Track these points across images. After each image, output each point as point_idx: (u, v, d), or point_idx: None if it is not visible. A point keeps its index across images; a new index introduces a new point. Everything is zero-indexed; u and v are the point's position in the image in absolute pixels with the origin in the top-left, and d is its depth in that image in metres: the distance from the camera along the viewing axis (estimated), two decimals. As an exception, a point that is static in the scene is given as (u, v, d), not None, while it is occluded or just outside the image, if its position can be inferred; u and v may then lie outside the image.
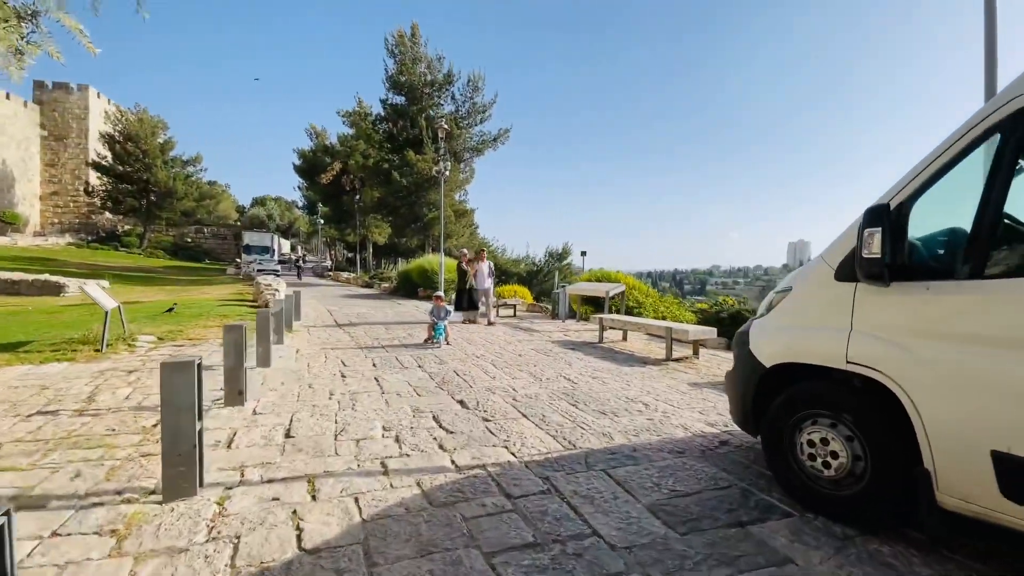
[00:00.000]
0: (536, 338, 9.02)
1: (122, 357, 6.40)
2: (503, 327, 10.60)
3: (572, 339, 8.96)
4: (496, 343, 8.31)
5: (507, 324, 11.24)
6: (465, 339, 8.68)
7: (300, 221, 73.20)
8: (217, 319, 10.14)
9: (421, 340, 8.50)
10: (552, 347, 7.97)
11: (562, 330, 10.26)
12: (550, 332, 9.88)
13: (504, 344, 8.23)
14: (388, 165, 30.20)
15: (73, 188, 52.47)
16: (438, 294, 8.21)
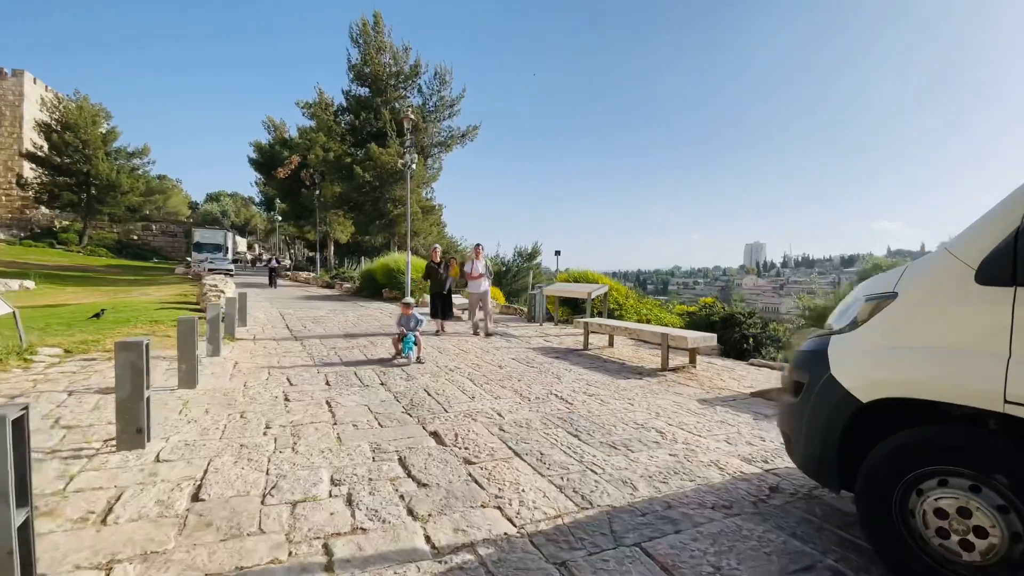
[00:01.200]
0: (515, 345, 8.13)
1: (9, 376, 5.14)
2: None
3: (554, 345, 8.12)
4: (471, 352, 7.38)
5: (481, 328, 10.30)
6: (436, 348, 7.71)
7: (257, 218, 69.97)
8: (148, 325, 8.81)
9: (386, 351, 7.49)
10: (534, 356, 7.11)
11: (541, 335, 9.41)
12: (528, 337, 9.01)
13: (480, 353, 7.31)
14: (350, 159, 28.74)
15: (5, 181, 48.32)
16: (406, 301, 6.84)
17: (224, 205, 68.14)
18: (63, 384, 4.95)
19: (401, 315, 6.85)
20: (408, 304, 6.79)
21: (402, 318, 6.79)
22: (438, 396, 4.81)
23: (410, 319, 6.72)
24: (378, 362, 6.48)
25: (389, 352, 7.03)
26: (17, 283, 18.37)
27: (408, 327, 6.66)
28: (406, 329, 6.62)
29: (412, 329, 6.64)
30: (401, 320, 6.80)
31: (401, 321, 6.78)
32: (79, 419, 3.84)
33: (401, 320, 6.80)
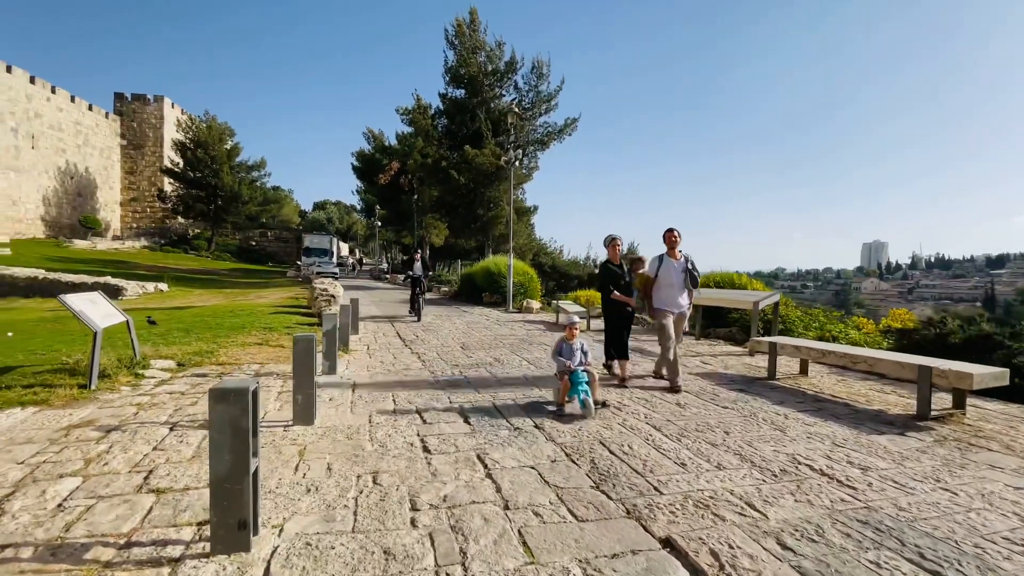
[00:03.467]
0: (671, 368, 6.52)
1: (114, 398, 4.50)
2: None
3: (722, 371, 6.40)
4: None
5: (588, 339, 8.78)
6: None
7: (358, 224, 73.75)
8: (260, 333, 8.33)
9: (515, 367, 6.23)
10: (713, 388, 5.45)
11: (693, 353, 7.70)
12: (684, 360, 7.34)
13: (638, 381, 5.80)
14: (446, 163, 28.51)
15: (150, 194, 54.68)
16: (574, 321, 4.73)
17: (329, 212, 72.63)
18: (168, 411, 4.17)
19: (563, 342, 4.62)
20: (574, 325, 4.70)
21: (564, 346, 4.58)
22: (627, 456, 3.38)
23: (575, 350, 4.57)
24: (511, 384, 5.21)
25: (537, 390, 5.46)
26: (153, 286, 19.82)
27: (575, 360, 4.50)
28: (571, 363, 4.47)
29: (581, 366, 4.48)
30: (563, 349, 4.56)
31: (563, 350, 4.55)
32: (173, 477, 2.89)
33: (563, 349, 4.56)
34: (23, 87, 38.57)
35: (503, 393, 5.02)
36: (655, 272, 5.56)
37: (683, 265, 5.52)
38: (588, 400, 4.26)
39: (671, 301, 5.51)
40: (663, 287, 5.53)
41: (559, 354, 4.59)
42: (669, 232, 5.65)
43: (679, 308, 5.54)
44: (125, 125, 55.10)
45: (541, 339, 9.01)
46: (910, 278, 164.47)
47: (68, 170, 46.92)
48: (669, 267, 5.53)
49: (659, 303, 5.55)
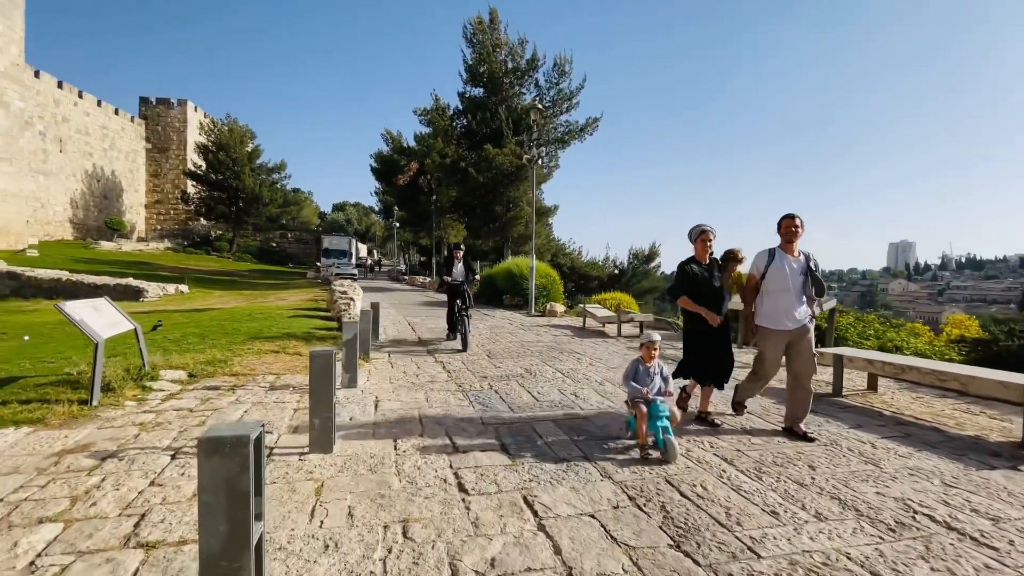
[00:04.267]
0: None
1: (116, 416, 4.10)
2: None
3: (781, 386, 5.78)
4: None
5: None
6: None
7: (376, 226, 74.00)
8: (277, 339, 7.95)
9: (543, 377, 5.70)
10: (779, 409, 4.86)
11: (742, 364, 7.08)
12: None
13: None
14: (465, 163, 28.09)
15: (173, 196, 55.49)
16: (653, 339, 3.80)
17: (348, 214, 73.01)
18: (172, 433, 3.75)
19: (638, 363, 3.79)
20: (653, 345, 3.77)
21: (639, 369, 3.76)
22: (704, 500, 2.83)
23: (653, 374, 3.74)
24: (550, 404, 4.69)
25: (578, 409, 4.91)
26: (174, 287, 19.78)
27: (653, 387, 3.67)
28: (650, 392, 3.62)
29: (660, 393, 3.66)
30: (638, 372, 3.75)
31: (638, 374, 3.74)
32: (168, 525, 2.44)
33: (638, 372, 3.75)
34: (51, 92, 39.34)
35: (540, 412, 4.50)
36: (762, 272, 4.07)
37: (803, 265, 3.99)
38: (672, 440, 3.39)
39: (784, 313, 3.95)
40: (773, 293, 4.00)
41: (632, 379, 3.75)
42: (788, 220, 4.03)
43: (796, 322, 3.94)
44: (150, 129, 56.05)
45: (570, 346, 8.47)
46: (940, 279, 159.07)
47: (95, 173, 47.81)
48: (784, 266, 3.96)
49: (765, 316, 4.04)
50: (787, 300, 3.98)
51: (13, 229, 30.60)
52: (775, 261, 4.04)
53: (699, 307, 4.22)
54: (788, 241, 4.05)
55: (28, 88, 33.99)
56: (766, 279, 4.06)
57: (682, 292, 4.33)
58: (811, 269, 4.03)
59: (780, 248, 4.10)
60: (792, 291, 3.96)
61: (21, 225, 31.56)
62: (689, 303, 4.27)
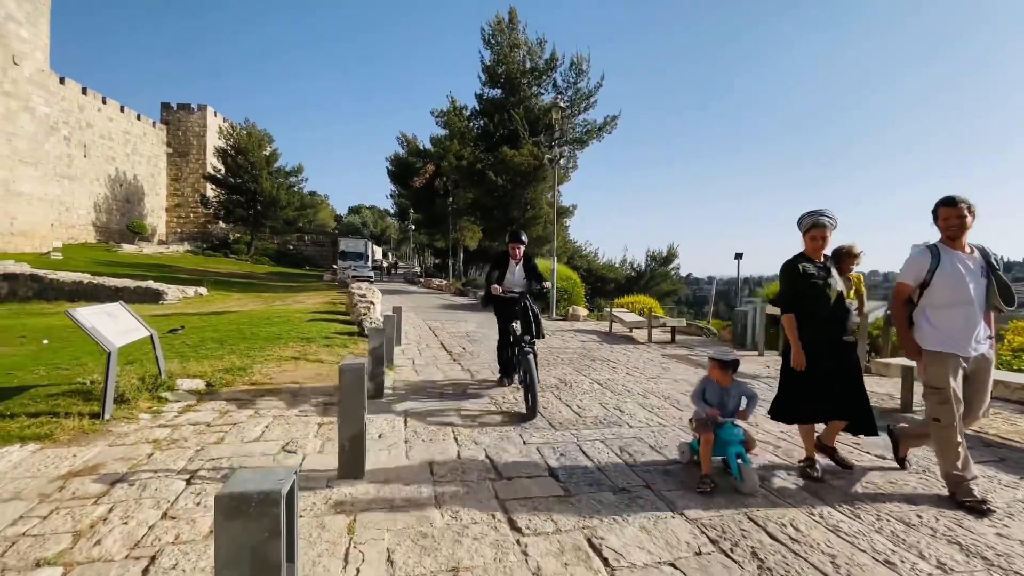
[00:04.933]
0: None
1: (129, 431, 3.81)
2: (692, 371, 7.17)
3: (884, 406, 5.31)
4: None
5: (687, 361, 7.76)
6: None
7: (391, 228, 74.22)
8: (297, 344, 7.67)
9: (579, 388, 5.29)
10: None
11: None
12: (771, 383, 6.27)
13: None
14: (481, 165, 27.81)
15: (193, 200, 56.23)
16: (726, 359, 3.24)
17: (364, 216, 73.35)
18: (188, 451, 3.43)
19: (708, 383, 3.27)
20: (724, 364, 3.21)
21: (708, 388, 3.25)
22: (801, 545, 2.40)
23: (730, 396, 3.20)
24: (591, 419, 4.27)
25: (627, 427, 4.25)
26: (193, 290, 19.77)
27: (725, 408, 3.17)
28: (720, 413, 3.13)
29: (732, 413, 3.17)
30: (707, 391, 3.24)
31: (708, 394, 3.24)
32: (181, 570, 2.10)
33: (707, 391, 3.24)
34: (76, 98, 40.05)
35: (585, 430, 4.09)
36: (923, 279, 3.00)
37: (981, 265, 2.96)
38: (749, 469, 2.95)
39: (964, 333, 2.90)
40: (945, 307, 2.94)
41: (699, 395, 3.26)
42: (949, 207, 2.95)
43: (977, 348, 2.93)
44: (171, 133, 56.93)
45: (601, 354, 8.05)
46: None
47: (118, 177, 48.62)
48: (954, 267, 2.91)
49: (938, 338, 2.94)
50: (968, 315, 2.90)
51: (38, 232, 31.09)
52: (943, 263, 2.93)
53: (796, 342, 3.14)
54: (953, 238, 2.96)
55: (53, 94, 34.60)
56: (932, 288, 2.96)
57: (794, 303, 3.21)
58: (993, 268, 2.95)
59: (943, 244, 3.01)
60: (974, 302, 2.89)
61: (46, 228, 32.08)
62: (792, 327, 3.17)
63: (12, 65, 28.45)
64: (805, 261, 3.28)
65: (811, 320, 3.18)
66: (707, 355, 7.91)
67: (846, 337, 3.22)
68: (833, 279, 3.25)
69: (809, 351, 3.16)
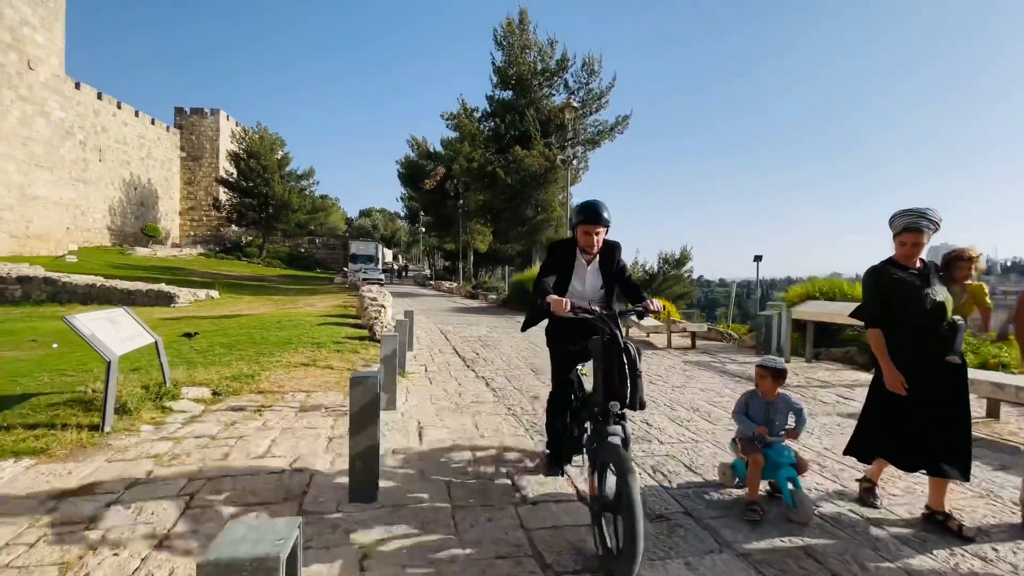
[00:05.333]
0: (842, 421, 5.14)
1: (130, 445, 3.60)
2: (732, 381, 6.86)
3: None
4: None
5: (710, 368, 7.44)
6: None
7: (402, 231, 74.35)
8: (307, 350, 7.47)
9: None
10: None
11: (822, 383, 6.27)
12: (820, 396, 5.94)
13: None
14: (491, 167, 27.62)
15: (206, 203, 56.73)
16: (775, 365, 2.89)
17: (375, 220, 73.60)
18: (190, 467, 3.21)
19: (751, 397, 2.93)
20: (777, 372, 2.86)
21: (752, 403, 2.91)
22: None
23: (777, 411, 2.85)
24: (637, 448, 4.00)
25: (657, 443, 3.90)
26: (204, 293, 19.76)
27: (773, 425, 2.82)
28: (768, 432, 2.79)
29: (780, 431, 2.83)
30: (751, 406, 2.90)
31: (752, 409, 2.89)
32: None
33: (751, 406, 2.90)
34: (91, 103, 40.53)
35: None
36: None
37: None
38: (803, 495, 2.67)
39: None
40: None
41: (745, 413, 2.90)
42: None
43: None
44: (184, 138, 57.51)
45: (621, 359, 7.76)
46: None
47: (132, 181, 49.15)
48: None
49: None
50: None
51: (53, 236, 31.42)
52: None
53: (886, 361, 2.62)
54: None
55: (69, 99, 35.02)
56: None
57: (879, 315, 2.70)
58: None
59: None
60: None
61: (61, 232, 32.42)
62: (879, 344, 2.67)
63: (28, 70, 28.80)
64: (894, 267, 2.74)
65: (903, 337, 2.64)
66: (729, 361, 7.57)
67: (949, 357, 2.61)
68: (933, 288, 2.63)
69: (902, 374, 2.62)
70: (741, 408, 2.96)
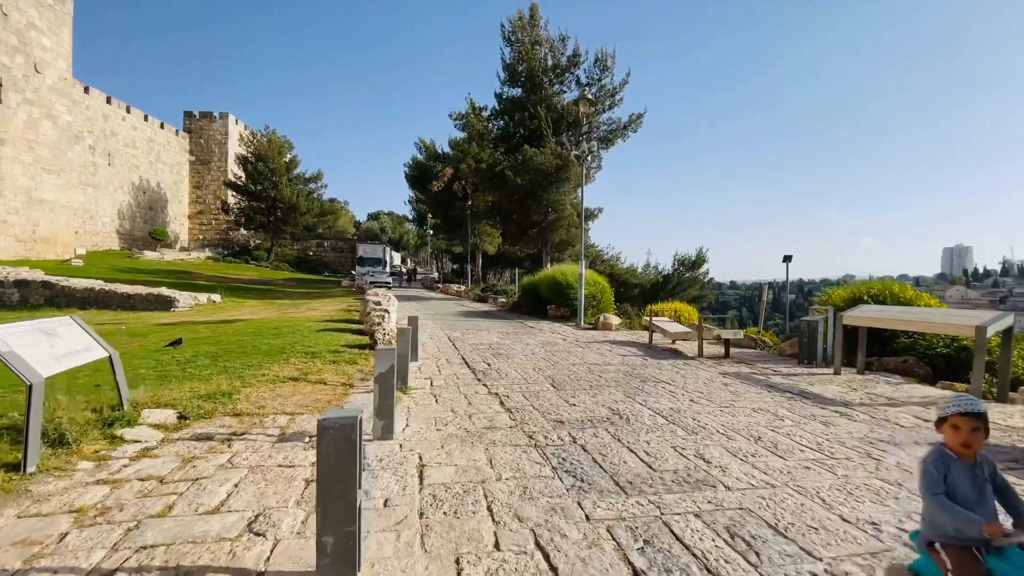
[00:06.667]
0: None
1: (54, 491, 2.83)
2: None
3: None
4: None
5: (753, 382, 6.56)
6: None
7: (410, 234, 73.83)
8: (300, 360, 6.71)
9: (639, 422, 4.15)
10: None
11: (891, 401, 5.37)
12: (896, 416, 5.05)
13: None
14: (501, 167, 26.85)
15: (215, 207, 56.55)
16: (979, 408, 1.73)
17: (383, 223, 73.22)
18: (116, 533, 2.43)
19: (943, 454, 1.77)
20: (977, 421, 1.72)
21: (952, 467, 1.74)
22: None
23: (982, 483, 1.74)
24: (670, 475, 3.15)
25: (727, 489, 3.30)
26: (206, 296, 19.17)
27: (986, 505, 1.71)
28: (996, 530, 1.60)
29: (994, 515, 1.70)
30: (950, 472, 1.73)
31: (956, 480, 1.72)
32: None
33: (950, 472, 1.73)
34: (100, 107, 40.42)
35: (668, 496, 2.96)
36: None
37: None
38: None
39: None
40: None
41: (946, 491, 1.72)
42: None
43: None
44: (193, 142, 57.50)
45: (649, 372, 6.91)
46: (1001, 285, 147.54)
47: (141, 185, 49.10)
48: None
49: None
50: None
51: (60, 239, 31.15)
52: None
53: None
54: None
55: (77, 103, 34.86)
56: None
57: None
58: None
59: None
60: None
61: (69, 235, 32.16)
62: None
63: (35, 73, 28.58)
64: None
65: None
66: (772, 373, 6.66)
67: None
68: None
69: None
70: (935, 478, 1.75)
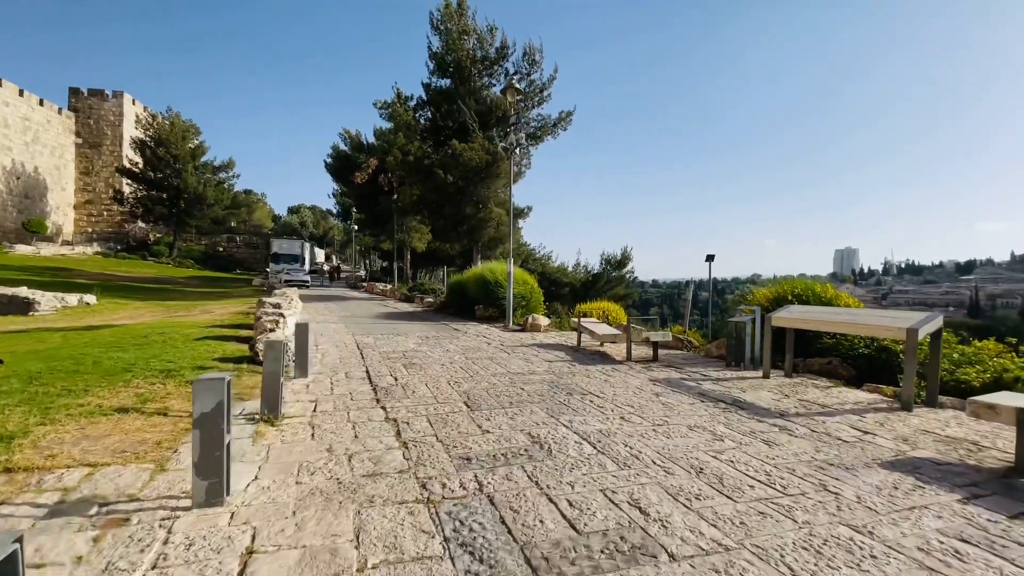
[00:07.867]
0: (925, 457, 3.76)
1: None
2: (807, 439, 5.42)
3: (934, 457, 3.65)
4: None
5: (685, 390, 6.01)
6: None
7: (335, 230, 70.08)
8: (147, 381, 5.32)
9: (564, 451, 3.37)
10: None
11: (824, 408, 4.97)
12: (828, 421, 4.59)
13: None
14: (429, 161, 25.58)
15: (107, 196, 50.53)
16: None
17: (304, 216, 68.88)
18: None
19: None
20: None
21: None
22: None
23: None
24: (598, 537, 2.36)
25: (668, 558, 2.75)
26: (77, 298, 16.44)
27: None
28: None
29: None
30: None
31: None
32: None
33: None
34: (-45, 75, 34.58)
35: (595, 578, 2.15)
36: None
37: None
38: None
39: None
40: None
41: None
42: None
43: None
44: (80, 122, 51.07)
45: (576, 381, 6.19)
46: (883, 284, 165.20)
47: (14, 170, 42.86)
48: None
49: None
50: None
51: None
52: None
53: None
54: None
55: (-81, 68, 29.41)
56: None
57: None
58: None
59: None
60: None
61: (-94, 225, 27.02)
62: None
63: None
64: None
65: None
66: (703, 378, 6.19)
67: None
68: None
69: None
70: None
